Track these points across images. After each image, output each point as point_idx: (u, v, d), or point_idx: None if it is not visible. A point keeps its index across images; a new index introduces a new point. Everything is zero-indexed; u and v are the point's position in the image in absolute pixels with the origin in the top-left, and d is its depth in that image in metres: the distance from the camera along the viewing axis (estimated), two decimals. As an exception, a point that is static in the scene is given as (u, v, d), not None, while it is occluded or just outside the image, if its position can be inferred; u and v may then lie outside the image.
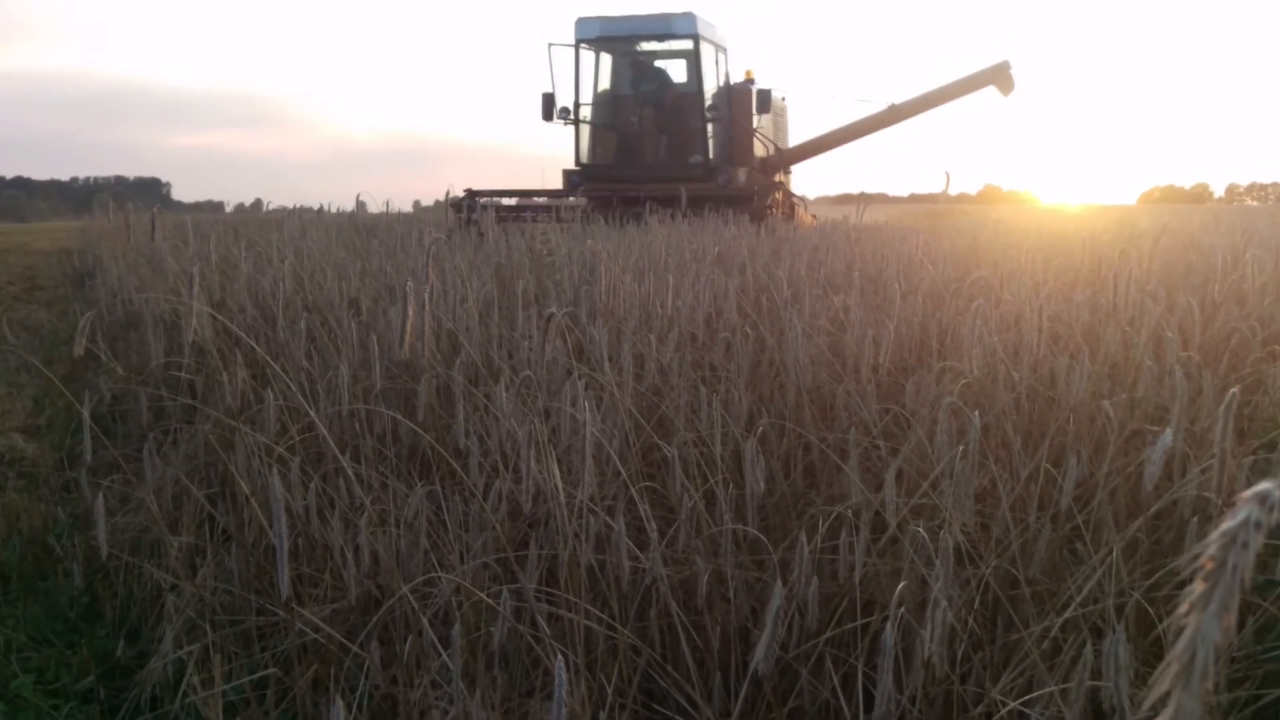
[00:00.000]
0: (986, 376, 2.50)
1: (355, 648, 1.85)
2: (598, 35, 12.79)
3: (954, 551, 1.65)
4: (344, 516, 2.14)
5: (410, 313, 1.44)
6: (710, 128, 12.69)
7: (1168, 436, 1.55)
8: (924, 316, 3.34)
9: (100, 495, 2.04)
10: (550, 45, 12.75)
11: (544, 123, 12.99)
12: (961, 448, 1.81)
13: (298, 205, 13.52)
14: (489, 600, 1.64)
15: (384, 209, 10.51)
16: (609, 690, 1.76)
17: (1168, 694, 0.45)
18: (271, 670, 2.08)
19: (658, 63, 13.31)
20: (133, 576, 2.71)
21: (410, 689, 1.83)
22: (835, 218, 11.14)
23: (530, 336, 2.92)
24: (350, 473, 2.13)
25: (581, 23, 12.87)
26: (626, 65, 13.38)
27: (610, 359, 2.60)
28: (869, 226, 8.30)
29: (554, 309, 2.02)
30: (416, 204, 18.62)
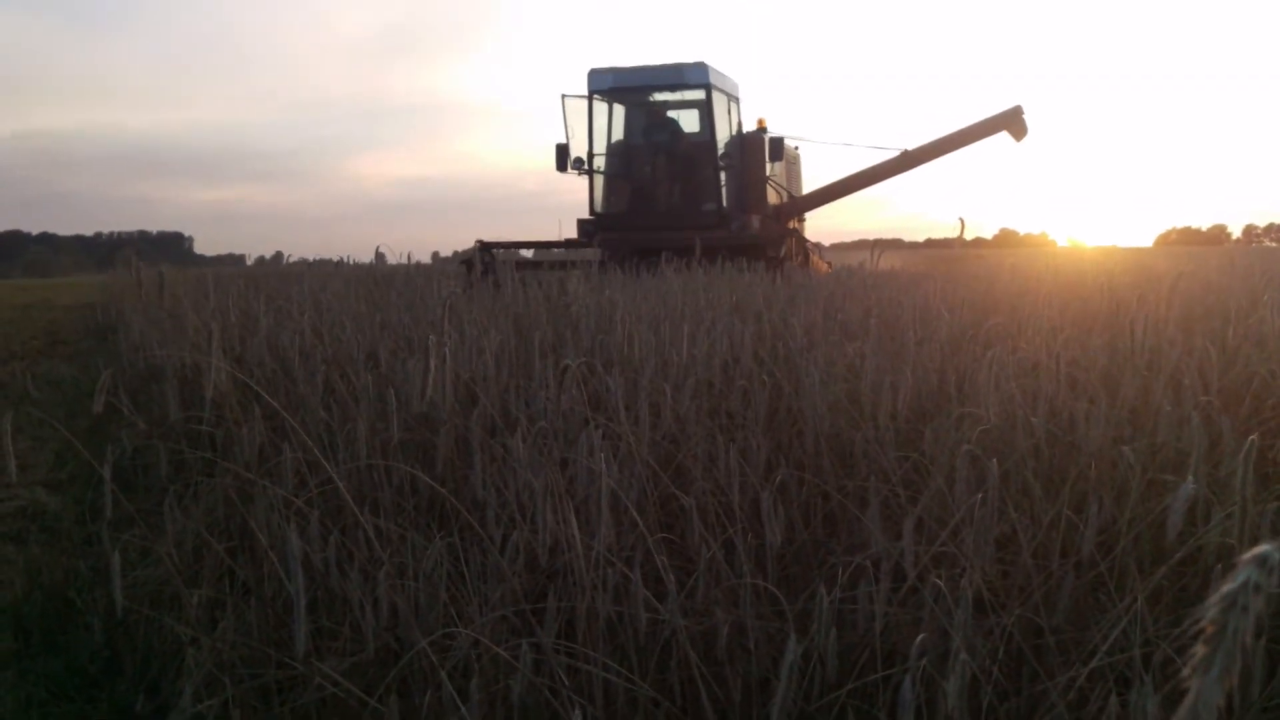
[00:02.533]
0: (1005, 423, 2.49)
1: (374, 702, 1.84)
2: (611, 86, 12.91)
3: (976, 600, 1.64)
4: (363, 569, 2.14)
5: (432, 365, 1.45)
6: (723, 176, 12.79)
7: (1189, 485, 1.54)
8: (941, 363, 3.33)
9: (116, 551, 2.05)
10: (564, 96, 12.90)
11: (559, 173, 13.11)
12: (981, 495, 1.80)
13: (317, 258, 13.65)
14: (506, 655, 1.63)
15: (403, 260, 10.61)
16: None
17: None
18: (290, 725, 2.07)
19: (670, 113, 13.46)
20: (153, 630, 2.71)
21: (429, 743, 1.81)
22: (850, 264, 11.17)
23: (547, 386, 2.93)
24: (368, 526, 2.13)
25: (595, 74, 12.99)
26: (639, 115, 13.51)
27: (627, 408, 2.60)
28: (884, 273, 8.32)
29: (570, 360, 2.03)
30: (435, 255, 18.69)
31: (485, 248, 12.12)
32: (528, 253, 13.47)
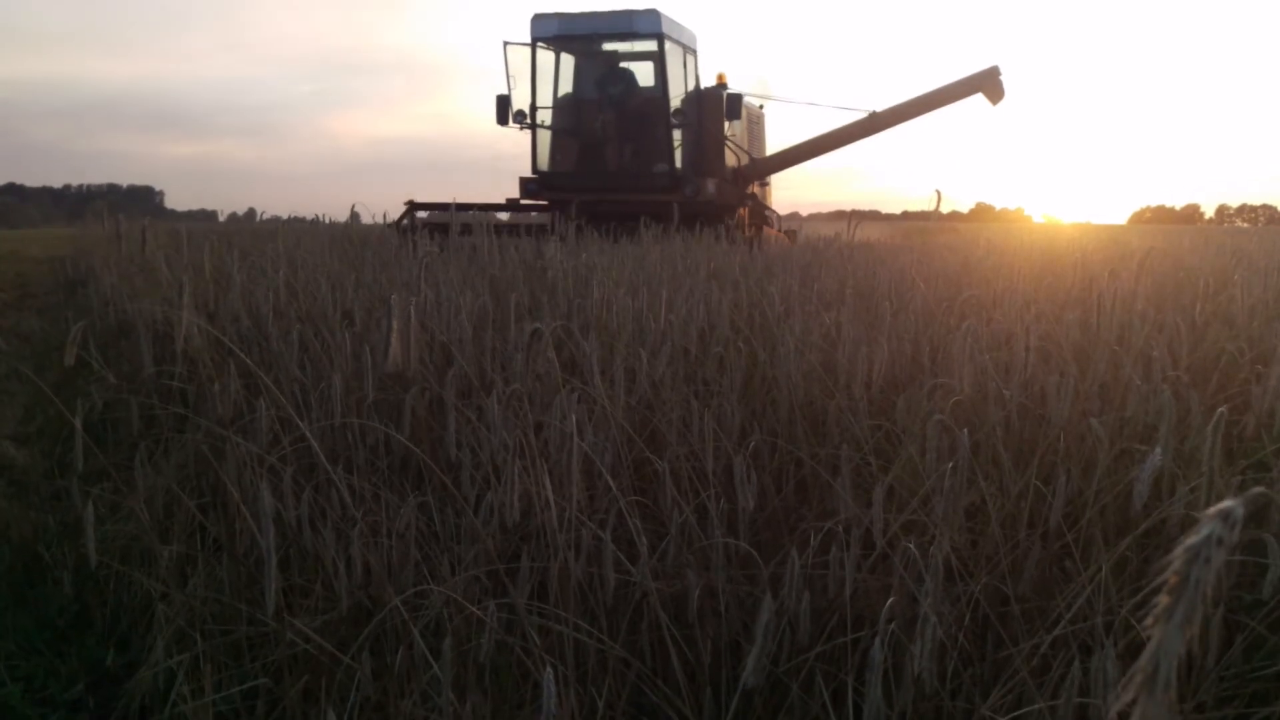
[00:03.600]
0: (977, 394, 2.51)
1: (347, 659, 1.85)
2: (555, 33, 12.00)
3: (944, 568, 1.66)
4: (336, 527, 2.14)
5: (396, 325, 1.44)
6: (677, 135, 11.95)
7: (1157, 456, 1.56)
8: (915, 334, 3.35)
9: (90, 503, 2.04)
10: (505, 44, 12.01)
11: (499, 127, 12.29)
12: (951, 464, 1.82)
13: (291, 215, 13.40)
14: (478, 613, 1.64)
15: (378, 220, 10.54)
16: (599, 703, 1.77)
17: (1133, 702, 0.46)
18: (262, 680, 2.08)
19: (626, 65, 12.49)
20: (123, 585, 2.70)
21: (401, 700, 1.82)
22: (827, 234, 11.05)
23: (523, 349, 2.92)
24: (341, 484, 2.13)
25: (538, 20, 12.02)
26: (591, 66, 12.57)
27: (602, 372, 2.61)
28: (861, 244, 8.33)
29: (543, 324, 2.03)
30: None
31: (412, 208, 11.52)
32: (504, 216, 12.86)
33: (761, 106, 14.92)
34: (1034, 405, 2.57)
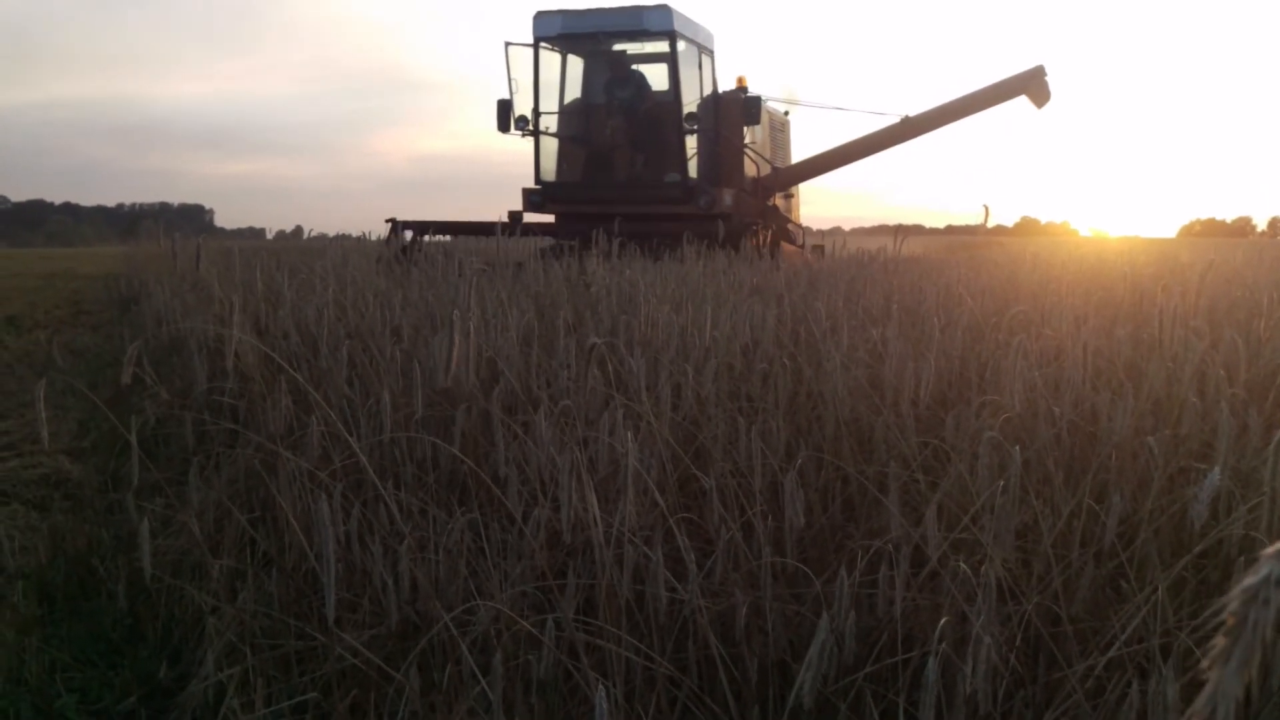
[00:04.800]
0: (1027, 411, 2.48)
1: (398, 674, 1.86)
2: (559, 32, 10.98)
3: (995, 587, 1.64)
4: (384, 542, 2.15)
5: (456, 341, 1.46)
6: (692, 142, 10.92)
7: (1215, 475, 1.53)
8: (963, 350, 3.32)
9: (145, 518, 2.07)
10: (507, 44, 11.00)
11: (500, 134, 11.31)
12: (1002, 482, 1.80)
13: (338, 233, 13.36)
14: (532, 629, 1.64)
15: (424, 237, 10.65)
16: (646, 721, 1.76)
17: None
18: (311, 695, 2.10)
19: (638, 67, 11.40)
20: (174, 599, 2.74)
21: (449, 716, 1.83)
22: (871, 249, 10.82)
23: (569, 365, 2.93)
24: (391, 500, 2.14)
25: (541, 18, 10.98)
26: (597, 68, 11.52)
27: (648, 388, 2.61)
28: (906, 259, 8.27)
29: (594, 339, 2.04)
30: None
31: (396, 228, 10.74)
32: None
33: (787, 113, 14.06)
34: (1085, 423, 2.54)
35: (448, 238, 11.40)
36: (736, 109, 11.09)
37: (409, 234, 10.68)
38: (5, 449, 4.96)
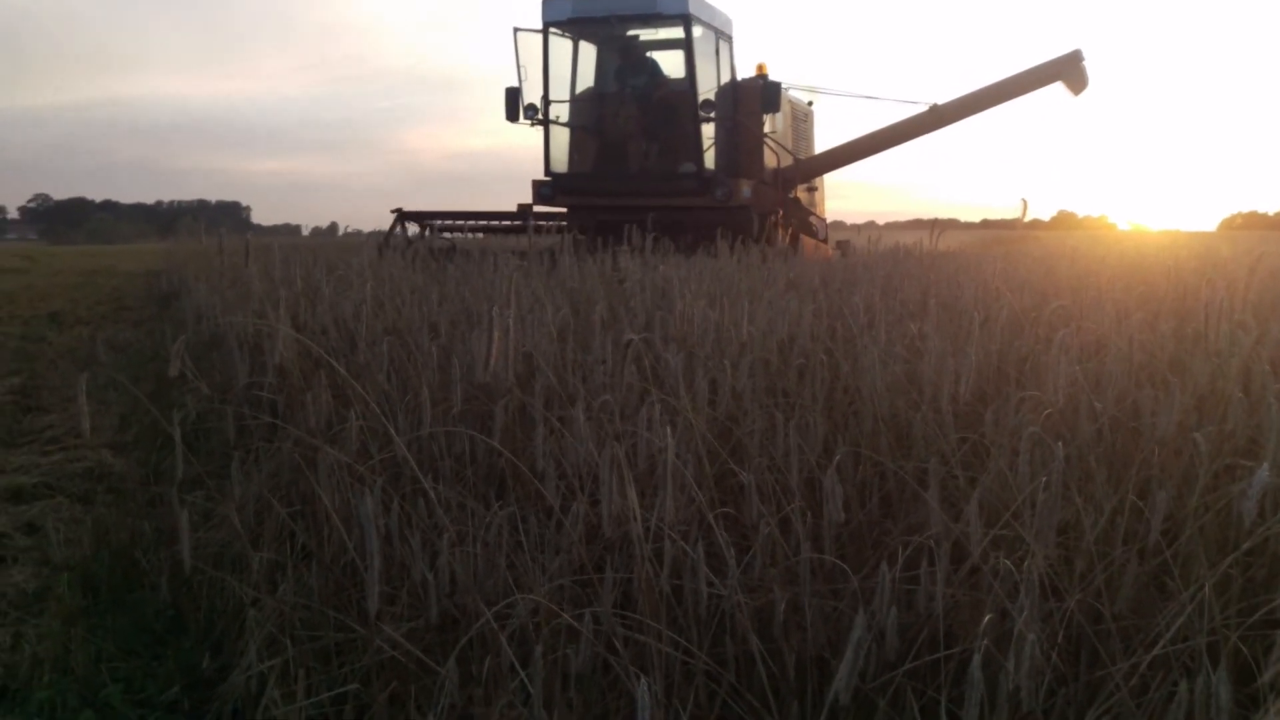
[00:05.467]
0: (1068, 406, 2.45)
1: (442, 668, 1.87)
2: (570, 16, 10.51)
3: (1038, 584, 1.62)
4: (423, 536, 2.17)
5: (496, 336, 1.46)
6: (709, 131, 10.41)
7: (1265, 471, 1.51)
8: (1001, 345, 3.29)
9: (186, 510, 2.09)
10: (516, 30, 10.56)
11: (509, 123, 10.89)
12: (1045, 478, 1.78)
13: (373, 229, 13.35)
14: (573, 621, 1.65)
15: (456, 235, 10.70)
16: (684, 716, 1.76)
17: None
18: (351, 686, 2.11)
19: (651, 54, 10.99)
20: (215, 590, 2.77)
21: (487, 708, 1.84)
22: (906, 243, 10.63)
23: (604, 361, 2.94)
24: (433, 493, 2.16)
25: (550, 3, 10.55)
26: (610, 55, 11.09)
27: (685, 383, 2.60)
28: (942, 253, 8.21)
29: (630, 335, 2.04)
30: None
31: (404, 218, 10.60)
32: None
33: (810, 103, 13.51)
34: (1126, 418, 2.50)
35: (475, 235, 11.24)
36: (755, 96, 10.57)
37: (413, 228, 10.40)
38: (50, 443, 5.04)
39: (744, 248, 6.86)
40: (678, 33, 10.27)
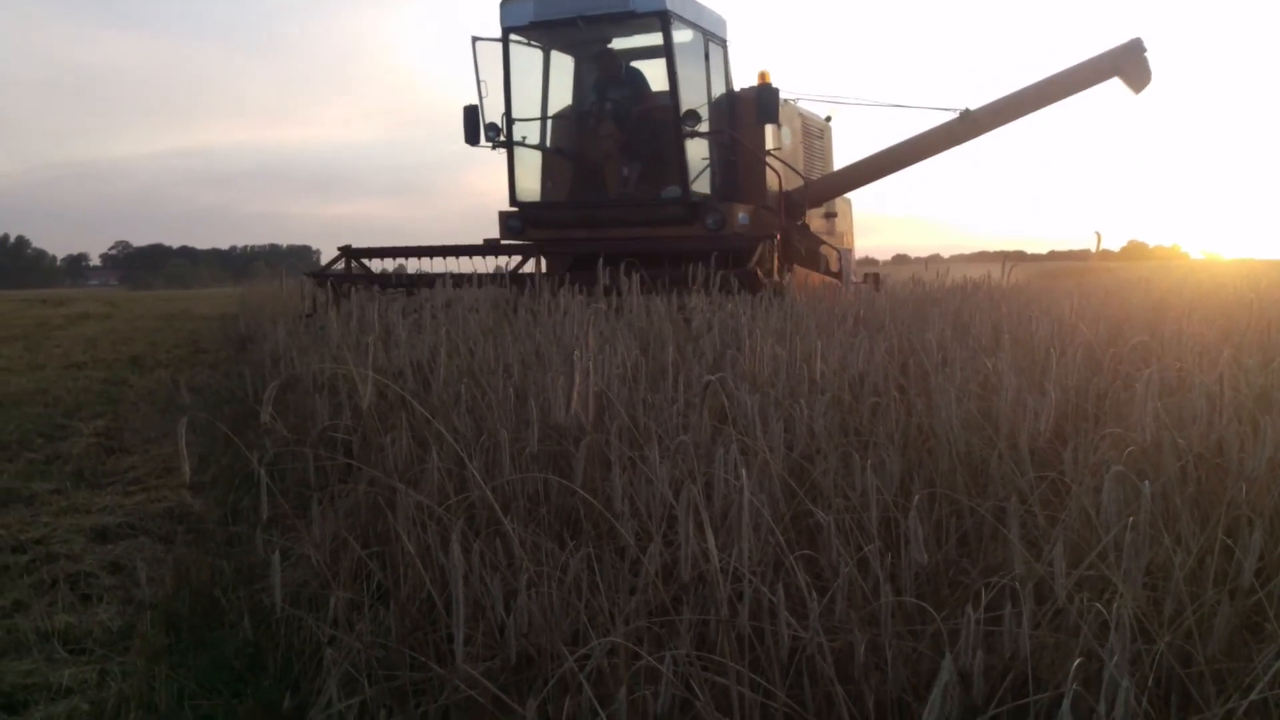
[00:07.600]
0: (1151, 444, 2.40)
1: (516, 705, 1.87)
2: (531, 20, 8.85)
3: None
4: (502, 576, 2.18)
5: (576, 379, 1.48)
6: (698, 149, 8.76)
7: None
8: (1078, 381, 3.23)
9: (276, 551, 2.14)
10: (475, 40, 8.94)
11: (469, 146, 9.25)
12: (1132, 518, 1.74)
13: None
14: (654, 662, 1.64)
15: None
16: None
17: None
18: (430, 726, 2.13)
19: (634, 64, 9.32)
20: (293, 629, 2.81)
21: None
22: (974, 276, 10.11)
23: (678, 401, 2.94)
24: (514, 535, 2.17)
25: (509, 7, 8.91)
26: (588, 67, 9.45)
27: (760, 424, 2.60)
28: (1010, 286, 8.10)
29: (707, 376, 2.05)
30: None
31: (352, 256, 9.04)
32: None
33: (829, 118, 11.68)
34: (1211, 455, 2.44)
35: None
36: (750, 107, 8.90)
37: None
38: (133, 483, 5.17)
39: (733, 284, 5.99)
40: (655, 34, 8.57)
